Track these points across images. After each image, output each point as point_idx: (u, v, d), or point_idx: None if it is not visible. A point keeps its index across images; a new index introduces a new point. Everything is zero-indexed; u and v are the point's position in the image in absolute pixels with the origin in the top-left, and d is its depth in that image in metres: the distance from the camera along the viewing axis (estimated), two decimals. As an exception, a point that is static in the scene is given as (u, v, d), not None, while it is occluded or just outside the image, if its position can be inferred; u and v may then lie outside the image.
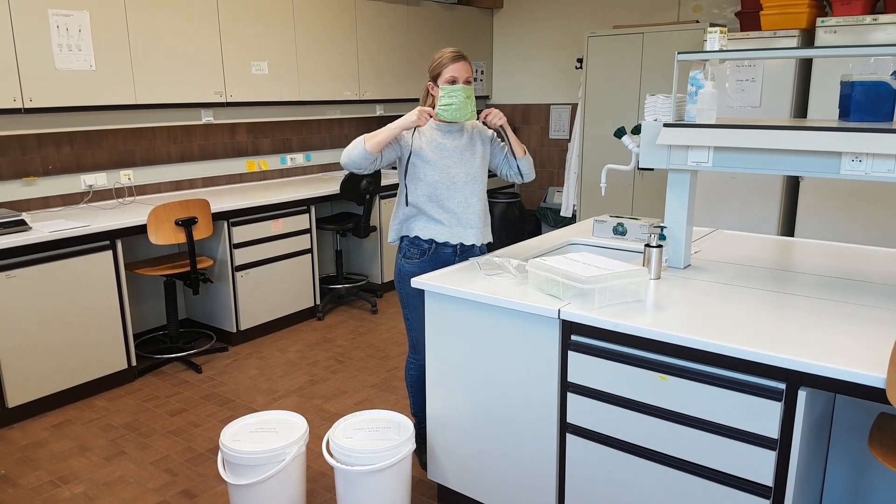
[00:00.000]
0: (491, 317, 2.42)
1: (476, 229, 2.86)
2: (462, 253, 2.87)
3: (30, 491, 2.98)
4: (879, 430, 1.94)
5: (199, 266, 4.23)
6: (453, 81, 2.70)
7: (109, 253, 3.86)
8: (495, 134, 2.93)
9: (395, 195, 5.49)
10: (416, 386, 3.00)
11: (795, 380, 1.83)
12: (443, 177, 2.76)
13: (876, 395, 1.70)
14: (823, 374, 1.76)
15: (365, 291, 5.58)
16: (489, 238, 2.96)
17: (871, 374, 1.69)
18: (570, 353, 2.25)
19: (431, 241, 2.83)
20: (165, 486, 3.01)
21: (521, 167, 2.90)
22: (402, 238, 2.90)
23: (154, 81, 4.29)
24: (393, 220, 2.92)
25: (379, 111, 6.02)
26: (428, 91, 2.82)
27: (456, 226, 2.82)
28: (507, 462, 2.51)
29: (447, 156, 2.77)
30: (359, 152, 2.64)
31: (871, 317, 2.10)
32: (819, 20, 4.25)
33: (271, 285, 4.78)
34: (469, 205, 2.82)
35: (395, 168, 2.96)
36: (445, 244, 2.84)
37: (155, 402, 3.82)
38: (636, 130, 2.61)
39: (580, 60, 5.82)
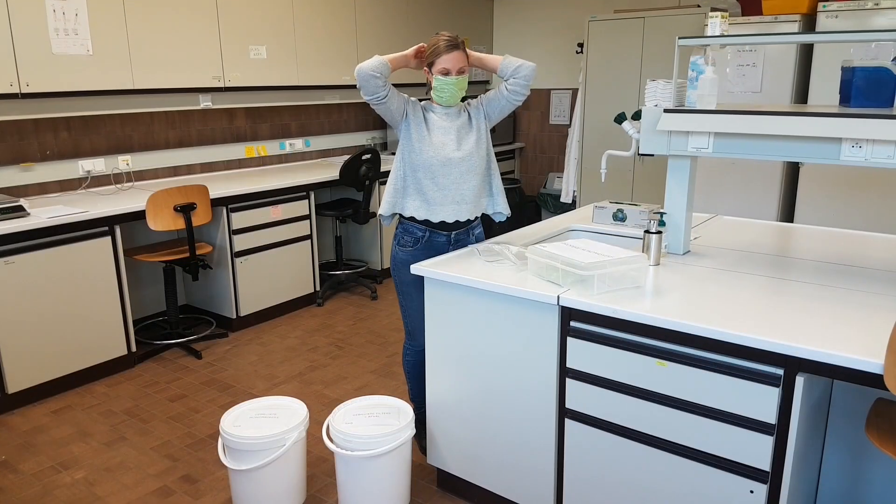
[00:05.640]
0: (490, 303, 2.42)
1: (470, 205, 2.81)
2: (456, 242, 2.86)
3: (30, 476, 2.99)
4: (876, 415, 1.95)
5: (198, 252, 4.23)
6: (446, 72, 2.69)
7: (108, 239, 3.86)
8: (481, 95, 2.88)
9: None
10: (413, 372, 3.01)
11: (793, 365, 1.83)
12: (437, 154, 2.72)
13: (873, 380, 1.70)
14: (821, 359, 1.76)
15: (365, 277, 5.59)
16: (498, 208, 2.90)
17: (869, 359, 1.69)
18: (570, 339, 2.26)
19: (425, 229, 2.81)
20: (166, 471, 3.03)
21: (508, 75, 2.77)
22: (397, 224, 2.86)
23: (152, 66, 4.27)
24: (386, 193, 2.82)
25: (378, 96, 5.99)
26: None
27: (450, 203, 2.77)
28: (507, 447, 2.52)
29: (444, 134, 2.74)
30: (374, 61, 2.70)
31: (870, 303, 2.10)
32: (820, 5, 4.23)
33: (271, 271, 4.78)
34: (464, 181, 2.77)
35: (392, 153, 2.93)
36: (438, 232, 2.82)
37: (155, 387, 3.84)
38: (636, 116, 2.60)
39: (581, 45, 5.79)
